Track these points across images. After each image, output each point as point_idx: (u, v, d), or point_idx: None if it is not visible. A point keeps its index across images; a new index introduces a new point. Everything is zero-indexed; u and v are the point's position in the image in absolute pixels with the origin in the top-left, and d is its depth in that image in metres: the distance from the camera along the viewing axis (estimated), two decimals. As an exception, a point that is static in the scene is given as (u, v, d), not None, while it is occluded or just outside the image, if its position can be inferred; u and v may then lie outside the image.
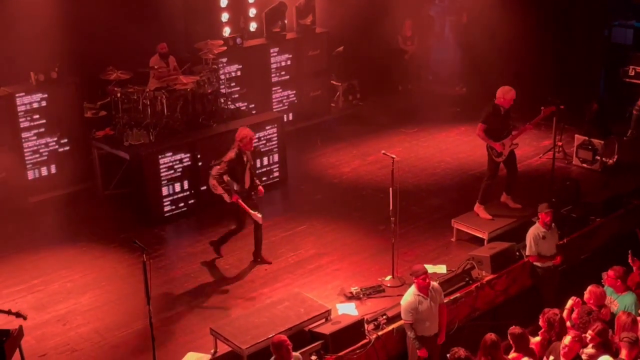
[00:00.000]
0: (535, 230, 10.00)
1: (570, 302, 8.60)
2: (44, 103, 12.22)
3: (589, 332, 7.69)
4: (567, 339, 7.59)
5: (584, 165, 13.35)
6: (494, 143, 10.94)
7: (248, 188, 10.35)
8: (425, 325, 8.69)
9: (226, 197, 10.20)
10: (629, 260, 9.39)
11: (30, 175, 12.29)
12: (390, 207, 9.81)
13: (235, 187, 10.20)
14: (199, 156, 11.99)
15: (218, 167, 10.19)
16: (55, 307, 9.72)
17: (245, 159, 10.24)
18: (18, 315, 8.46)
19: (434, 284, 8.91)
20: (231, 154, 10.16)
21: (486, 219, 11.10)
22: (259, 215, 10.29)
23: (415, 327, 8.69)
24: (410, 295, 8.70)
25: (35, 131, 12.24)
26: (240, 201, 10.17)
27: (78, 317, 9.53)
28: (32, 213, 11.98)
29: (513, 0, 15.55)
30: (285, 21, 15.12)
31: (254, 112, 14.18)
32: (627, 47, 15.79)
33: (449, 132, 15.25)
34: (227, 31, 14.74)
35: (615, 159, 13.38)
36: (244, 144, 10.16)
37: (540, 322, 8.10)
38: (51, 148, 12.45)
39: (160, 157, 11.63)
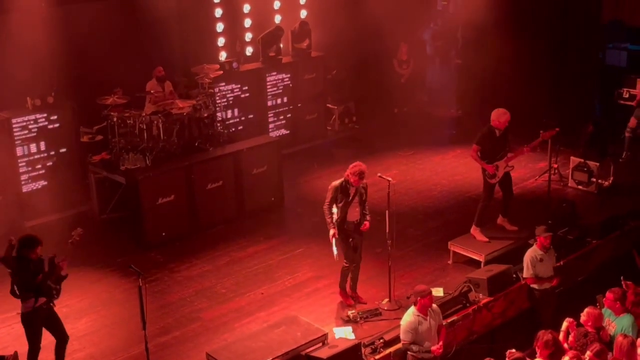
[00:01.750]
0: (532, 253, 9.99)
1: (565, 324, 8.58)
2: (40, 128, 12.23)
3: (587, 352, 7.67)
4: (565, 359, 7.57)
5: (580, 187, 13.37)
6: (486, 165, 10.99)
7: (353, 222, 9.81)
8: (424, 345, 8.66)
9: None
10: (623, 285, 9.37)
11: (27, 199, 12.26)
12: (387, 230, 9.80)
13: (335, 218, 9.78)
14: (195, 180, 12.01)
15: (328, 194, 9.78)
16: (47, 333, 9.63)
17: (351, 192, 9.72)
18: (77, 235, 8.61)
19: (433, 305, 8.91)
20: (336, 182, 9.76)
21: (483, 241, 11.10)
22: (335, 252, 9.73)
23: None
24: (410, 315, 8.69)
25: (32, 155, 12.24)
26: (333, 239, 9.72)
27: (74, 342, 9.45)
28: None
29: (508, 23, 15.66)
30: (281, 45, 15.19)
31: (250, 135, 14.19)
32: (622, 69, 15.87)
33: (444, 154, 15.29)
34: (223, 55, 14.81)
35: (611, 181, 13.40)
36: (352, 177, 9.57)
37: (539, 346, 8.02)
38: (47, 172, 12.44)
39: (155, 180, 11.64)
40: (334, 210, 9.73)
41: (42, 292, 8.34)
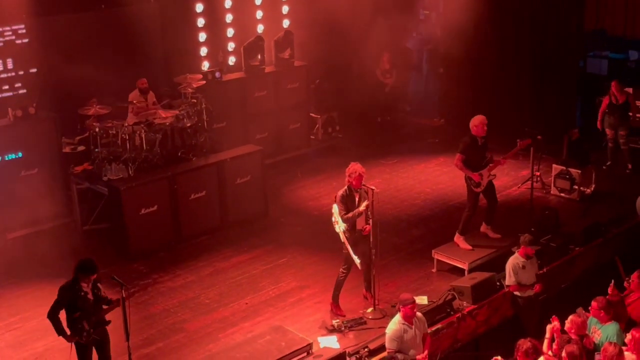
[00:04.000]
0: (514, 260, 10.03)
1: (549, 332, 8.60)
2: (21, 138, 12.14)
3: (563, 353, 7.76)
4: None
5: (562, 194, 13.44)
6: (472, 173, 11.02)
7: (360, 230, 9.72)
8: (409, 354, 8.66)
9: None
10: (609, 290, 9.42)
11: (7, 211, 12.16)
12: (371, 239, 9.81)
13: (344, 228, 9.62)
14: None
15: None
16: (34, 345, 9.60)
17: (357, 198, 9.70)
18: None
19: (418, 313, 8.91)
20: (340, 192, 9.69)
21: (466, 249, 11.13)
22: (358, 261, 9.66)
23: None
24: (395, 323, 8.69)
25: (13, 166, 12.13)
26: (346, 241, 9.66)
27: (56, 354, 9.39)
28: (10, 249, 11.87)
29: (490, 32, 15.76)
30: (264, 55, 15.19)
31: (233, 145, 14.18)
32: (602, 77, 15.99)
33: (427, 163, 15.33)
34: (206, 65, 14.80)
35: (593, 188, 13.48)
36: (352, 179, 9.58)
37: (519, 355, 8.04)
38: (29, 184, 12.34)
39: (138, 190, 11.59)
40: (341, 224, 9.66)
41: (73, 328, 8.22)
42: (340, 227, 9.65)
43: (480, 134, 10.98)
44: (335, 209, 9.72)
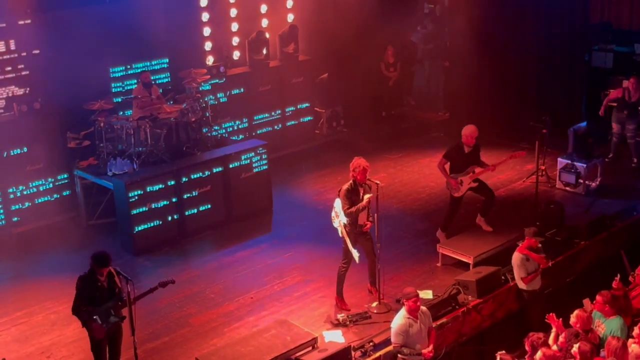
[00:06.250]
0: (519, 253, 10.03)
1: (553, 330, 8.61)
2: (27, 133, 12.14)
3: (574, 349, 7.77)
4: (538, 354, 7.66)
5: (567, 188, 13.41)
6: (448, 177, 11.21)
7: (362, 225, 9.75)
8: (415, 348, 8.66)
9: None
10: (614, 284, 9.41)
11: (13, 206, 12.18)
12: (376, 233, 9.81)
13: (346, 222, 9.64)
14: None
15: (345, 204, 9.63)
16: (39, 339, 9.63)
17: (362, 192, 9.71)
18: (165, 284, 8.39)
19: (423, 307, 8.92)
20: (345, 186, 9.68)
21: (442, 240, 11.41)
22: (357, 256, 9.70)
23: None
24: (400, 318, 8.70)
25: (18, 161, 12.14)
26: (349, 246, 9.68)
27: (62, 349, 9.44)
28: (16, 244, 11.90)
29: (495, 27, 15.71)
30: (269, 49, 15.17)
31: (237, 139, 14.18)
32: (607, 70, 15.93)
33: (432, 157, 15.28)
34: (210, 60, 14.79)
35: (598, 182, 13.45)
36: (356, 174, 9.61)
37: (526, 347, 8.10)
38: (34, 179, 12.36)
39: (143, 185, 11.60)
40: (342, 218, 9.66)
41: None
42: (340, 221, 9.65)
43: (467, 143, 11.12)
44: (337, 203, 9.72)
